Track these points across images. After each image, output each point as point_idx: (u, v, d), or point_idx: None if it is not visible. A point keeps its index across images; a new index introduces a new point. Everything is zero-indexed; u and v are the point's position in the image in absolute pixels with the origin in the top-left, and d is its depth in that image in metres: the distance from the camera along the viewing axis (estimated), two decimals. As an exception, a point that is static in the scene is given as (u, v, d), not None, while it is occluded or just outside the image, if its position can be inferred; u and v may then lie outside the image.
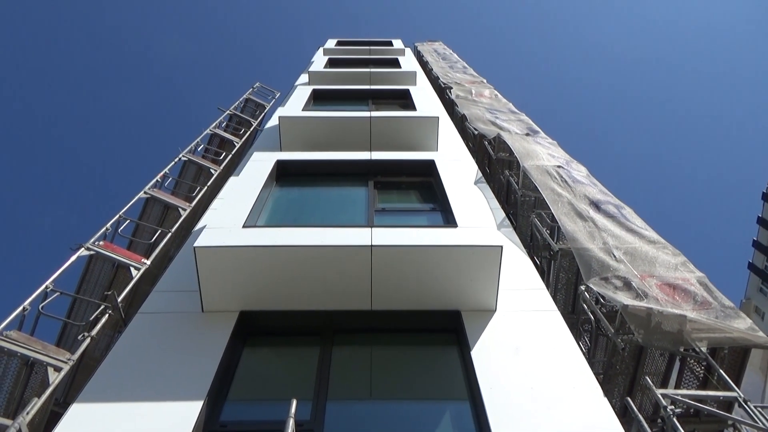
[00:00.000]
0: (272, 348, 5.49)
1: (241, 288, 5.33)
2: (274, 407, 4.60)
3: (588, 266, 6.46)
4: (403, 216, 6.91)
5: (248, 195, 6.46)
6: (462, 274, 5.34)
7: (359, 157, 7.98)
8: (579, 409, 4.29)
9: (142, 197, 9.54)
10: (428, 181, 7.52)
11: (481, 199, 6.63)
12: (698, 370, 5.78)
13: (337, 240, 5.37)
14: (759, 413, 4.44)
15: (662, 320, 5.33)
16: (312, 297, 5.38)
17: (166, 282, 5.95)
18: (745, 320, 5.64)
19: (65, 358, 5.36)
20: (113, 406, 4.23)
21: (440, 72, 20.28)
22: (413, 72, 15.55)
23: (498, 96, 16.65)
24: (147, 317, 5.33)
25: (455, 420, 4.58)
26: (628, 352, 5.65)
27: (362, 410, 4.78)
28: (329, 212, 7.10)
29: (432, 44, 28.13)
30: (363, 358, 5.39)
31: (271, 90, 18.94)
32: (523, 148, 10.05)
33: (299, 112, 10.55)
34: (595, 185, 9.13)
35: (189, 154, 11.96)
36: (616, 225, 7.51)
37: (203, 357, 4.75)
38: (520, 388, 4.47)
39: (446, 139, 10.74)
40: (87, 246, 7.32)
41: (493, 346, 4.98)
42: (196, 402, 4.24)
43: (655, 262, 6.61)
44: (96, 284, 7.51)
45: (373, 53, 19.97)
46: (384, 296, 5.38)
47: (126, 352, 4.86)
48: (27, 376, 5.27)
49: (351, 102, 12.22)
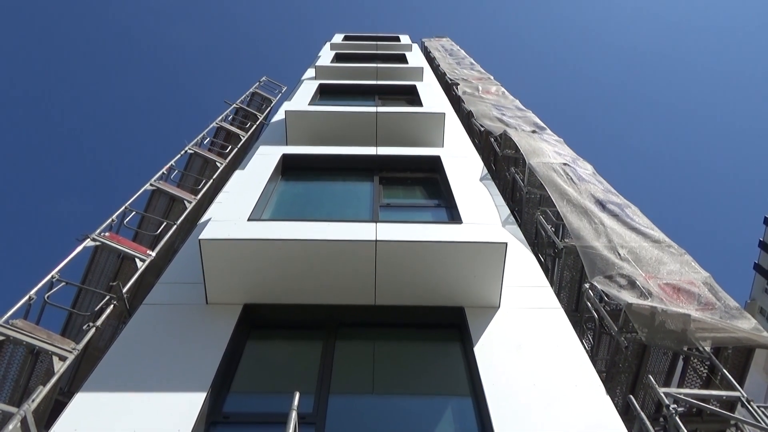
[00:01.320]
0: (276, 341, 5.51)
1: (246, 281, 5.34)
2: (277, 399, 4.62)
3: (592, 264, 6.44)
4: (408, 212, 6.91)
5: (254, 188, 6.47)
6: (466, 271, 5.34)
7: (365, 152, 7.97)
8: (581, 407, 4.29)
9: (148, 189, 9.57)
10: (434, 177, 7.51)
11: (486, 196, 6.61)
12: (701, 369, 5.76)
13: (342, 234, 5.37)
14: (762, 413, 4.43)
15: (666, 319, 5.31)
16: (316, 291, 5.39)
17: (170, 274, 5.97)
18: (750, 320, 5.62)
19: (70, 348, 5.39)
20: (117, 396, 4.26)
21: (447, 68, 20.22)
22: (420, 68, 15.51)
23: (505, 93, 16.60)
24: (151, 308, 5.35)
25: (457, 416, 4.58)
26: (631, 350, 5.64)
27: (364, 404, 4.79)
28: (334, 207, 7.10)
29: (439, 40, 28.05)
30: (366, 352, 5.40)
31: (277, 84, 18.96)
32: (529, 146, 10.02)
33: (306, 107, 10.55)
34: (601, 183, 9.10)
35: (195, 146, 11.98)
36: (622, 224, 7.49)
37: (207, 348, 4.77)
38: (523, 385, 4.47)
39: (452, 136, 10.72)
40: (93, 237, 7.35)
41: (496, 343, 4.98)
42: (199, 393, 4.26)
43: (660, 261, 6.59)
44: (101, 275, 7.54)
45: (380, 48, 19.92)
46: (388, 291, 5.38)
47: (130, 343, 4.89)
48: (32, 364, 5.30)
49: (357, 97, 12.20)
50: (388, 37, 23.59)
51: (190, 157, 11.78)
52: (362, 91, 12.60)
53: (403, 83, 13.20)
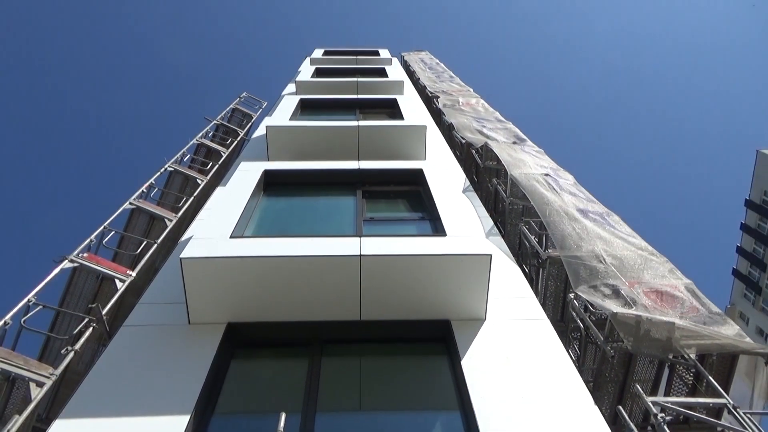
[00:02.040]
0: (260, 360, 5.42)
1: (229, 299, 5.26)
2: (262, 421, 4.54)
3: (576, 274, 6.47)
4: (392, 225, 6.89)
5: (235, 205, 6.41)
6: (451, 283, 5.32)
7: (347, 166, 7.95)
8: (570, 418, 4.28)
9: (128, 208, 9.43)
10: (416, 190, 7.51)
11: (469, 208, 6.62)
12: (687, 377, 5.79)
13: (326, 250, 5.32)
14: (748, 420, 4.45)
15: (651, 327, 5.34)
16: (300, 308, 5.32)
17: (151, 294, 5.86)
18: (733, 326, 5.67)
19: (48, 373, 5.25)
20: (97, 421, 4.14)
21: (427, 81, 20.37)
22: (400, 81, 15.59)
23: (485, 105, 16.75)
24: (132, 330, 5.24)
25: (446, 430, 4.54)
26: (617, 359, 5.65)
27: (352, 422, 4.72)
28: (317, 222, 7.06)
29: (418, 54, 28.28)
30: (352, 369, 5.34)
31: (258, 100, 18.92)
32: (510, 157, 10.09)
33: (286, 122, 10.52)
34: (582, 193, 9.18)
35: (175, 164, 11.86)
36: (604, 232, 7.54)
37: (190, 370, 4.67)
38: (511, 398, 4.45)
39: (434, 148, 10.76)
40: (71, 258, 7.20)
41: (483, 356, 4.95)
42: (182, 416, 4.16)
43: (643, 268, 6.64)
44: (80, 297, 7.38)
45: (360, 63, 20.02)
46: (373, 306, 5.34)
47: (110, 367, 4.76)
48: (8, 391, 5.15)
49: (338, 111, 12.21)
50: (367, 52, 23.72)
51: (170, 174, 11.66)
52: (343, 106, 12.62)
53: (383, 97, 13.26)
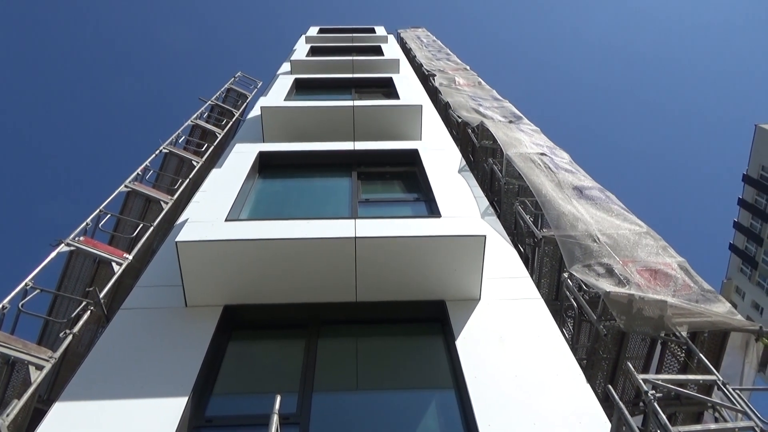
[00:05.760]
0: (257, 341, 5.48)
1: (225, 282, 5.29)
2: (260, 401, 4.59)
3: (571, 253, 6.50)
4: (387, 207, 6.90)
5: (231, 188, 6.41)
6: (446, 264, 5.36)
7: (342, 147, 7.93)
8: (562, 396, 4.35)
9: (123, 191, 9.41)
10: (412, 171, 7.51)
11: (464, 188, 6.63)
12: (679, 354, 5.87)
13: (321, 232, 5.35)
14: (738, 395, 4.53)
15: (643, 306, 5.39)
16: (296, 290, 5.36)
17: (148, 277, 5.90)
18: (725, 304, 5.73)
19: (47, 356, 5.29)
20: (97, 403, 4.20)
21: (424, 59, 20.19)
22: (396, 60, 15.46)
23: (481, 83, 16.63)
24: (130, 313, 5.28)
25: (441, 409, 4.61)
26: (610, 337, 5.72)
27: (348, 401, 4.79)
28: (313, 204, 7.06)
29: (415, 31, 27.98)
30: (348, 349, 5.40)
31: (252, 79, 18.72)
32: (506, 136, 10.06)
33: (281, 102, 10.46)
34: (578, 171, 9.17)
35: (170, 146, 11.79)
36: (599, 211, 7.57)
37: (188, 352, 4.73)
38: (505, 376, 4.52)
39: (430, 128, 10.73)
40: (67, 242, 7.21)
41: (477, 335, 5.01)
42: (181, 398, 4.22)
43: (637, 247, 6.67)
44: (77, 280, 7.40)
45: (356, 41, 19.80)
46: (369, 287, 5.38)
47: (109, 349, 4.82)
48: (8, 375, 5.20)
49: (334, 91, 12.13)
50: (363, 29, 23.44)
51: (165, 156, 11.59)
52: (338, 85, 12.53)
53: (379, 76, 13.15)
